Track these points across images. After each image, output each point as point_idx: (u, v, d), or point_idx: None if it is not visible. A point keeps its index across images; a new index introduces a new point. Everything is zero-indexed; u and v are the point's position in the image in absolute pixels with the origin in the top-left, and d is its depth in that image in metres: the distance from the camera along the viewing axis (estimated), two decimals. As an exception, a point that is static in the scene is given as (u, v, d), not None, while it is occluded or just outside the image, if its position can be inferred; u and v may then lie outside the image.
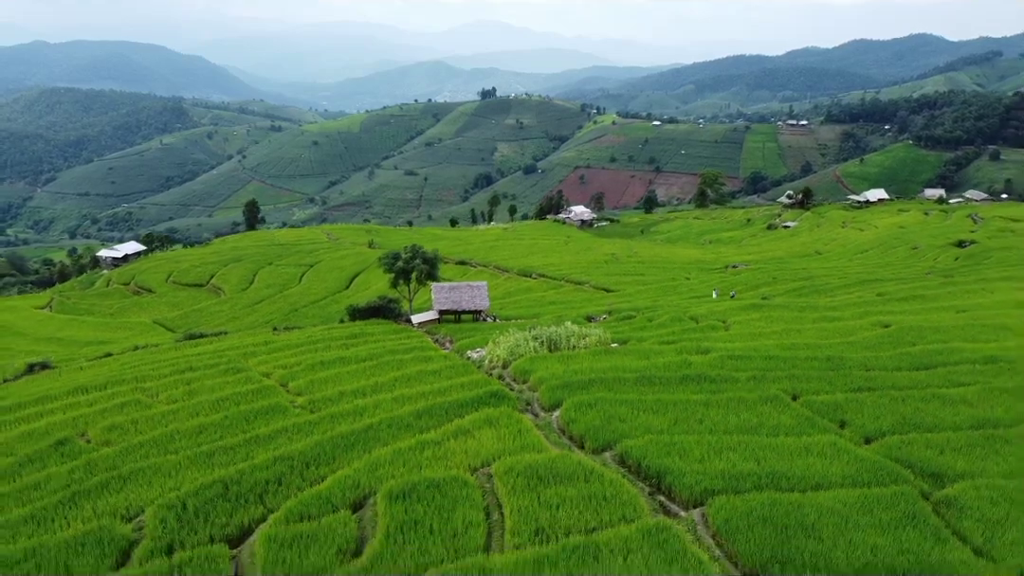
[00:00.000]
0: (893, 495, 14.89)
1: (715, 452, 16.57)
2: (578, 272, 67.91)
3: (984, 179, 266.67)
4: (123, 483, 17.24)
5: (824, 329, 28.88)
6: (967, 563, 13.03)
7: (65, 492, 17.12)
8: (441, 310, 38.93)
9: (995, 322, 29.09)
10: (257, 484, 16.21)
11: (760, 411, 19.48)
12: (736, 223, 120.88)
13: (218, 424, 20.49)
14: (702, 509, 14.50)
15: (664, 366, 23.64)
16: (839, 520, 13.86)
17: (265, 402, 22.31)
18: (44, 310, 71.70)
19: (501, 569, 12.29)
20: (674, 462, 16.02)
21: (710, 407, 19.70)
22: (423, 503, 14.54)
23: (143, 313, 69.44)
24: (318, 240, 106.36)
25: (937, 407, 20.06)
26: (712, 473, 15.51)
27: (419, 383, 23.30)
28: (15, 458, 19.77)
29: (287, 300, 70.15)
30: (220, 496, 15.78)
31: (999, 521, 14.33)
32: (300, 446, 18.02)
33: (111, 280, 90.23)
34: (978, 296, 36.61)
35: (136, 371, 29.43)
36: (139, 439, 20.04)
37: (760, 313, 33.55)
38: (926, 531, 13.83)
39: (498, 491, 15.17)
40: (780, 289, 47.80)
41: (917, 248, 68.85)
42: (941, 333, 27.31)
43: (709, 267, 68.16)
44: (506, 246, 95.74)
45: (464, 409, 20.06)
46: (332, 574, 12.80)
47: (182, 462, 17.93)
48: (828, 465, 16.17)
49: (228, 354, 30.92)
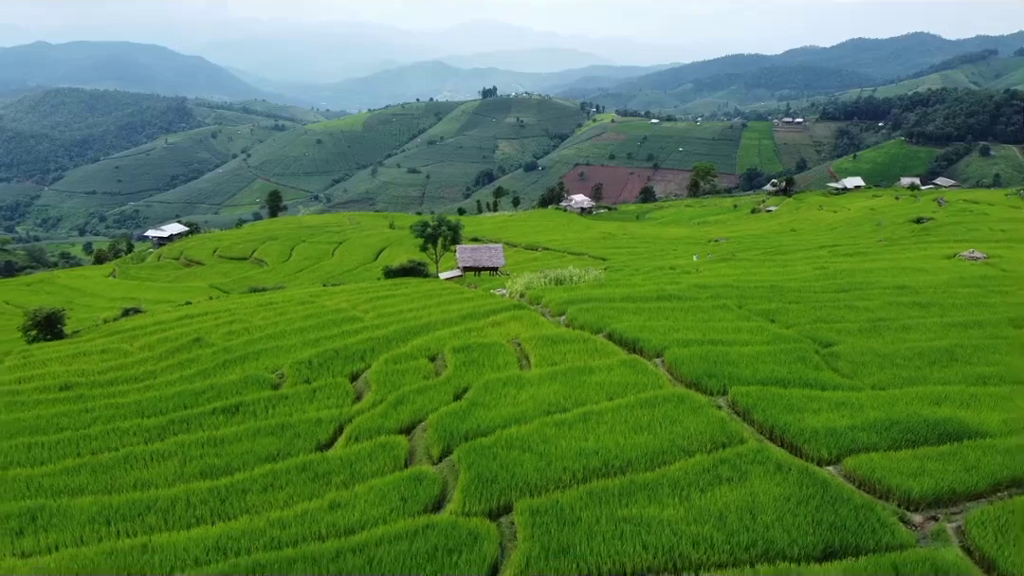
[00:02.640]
0: (794, 348, 22.02)
1: (674, 330, 23.66)
2: (578, 246, 75.39)
3: (974, 174, 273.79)
4: (257, 357, 24.34)
5: (774, 271, 36.01)
6: (835, 381, 20.12)
7: (216, 362, 24.24)
8: (464, 267, 46.11)
9: (914, 266, 36.21)
10: (358, 351, 23.33)
11: (711, 313, 26.59)
12: (724, 209, 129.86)
13: (313, 326, 27.61)
14: (661, 356, 21.57)
15: (644, 291, 30.77)
16: (753, 359, 20.94)
17: (342, 316, 29.45)
18: (110, 277, 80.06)
19: (530, 377, 19.42)
20: (644, 335, 23.09)
21: (675, 311, 26.81)
22: (476, 352, 21.68)
23: (197, 280, 77.52)
24: (341, 224, 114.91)
25: (845, 311, 27.16)
26: (669, 339, 22.59)
27: (459, 304, 30.44)
28: (165, 348, 26.88)
29: (323, 269, 78.35)
30: (334, 357, 22.91)
31: (863, 363, 21.43)
32: (380, 333, 25.15)
33: (161, 255, 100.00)
34: (910, 252, 43.68)
35: (224, 307, 36.58)
36: (255, 337, 27.13)
37: (727, 265, 40.68)
38: (811, 365, 20.95)
39: (525, 348, 22.32)
40: (751, 254, 55.05)
41: (880, 224, 76.15)
42: (866, 273, 34.41)
43: (695, 242, 75.70)
44: (513, 227, 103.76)
45: (495, 313, 27.19)
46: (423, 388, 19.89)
47: (296, 344, 25.05)
48: (753, 336, 23.31)
49: (296, 296, 38.10)
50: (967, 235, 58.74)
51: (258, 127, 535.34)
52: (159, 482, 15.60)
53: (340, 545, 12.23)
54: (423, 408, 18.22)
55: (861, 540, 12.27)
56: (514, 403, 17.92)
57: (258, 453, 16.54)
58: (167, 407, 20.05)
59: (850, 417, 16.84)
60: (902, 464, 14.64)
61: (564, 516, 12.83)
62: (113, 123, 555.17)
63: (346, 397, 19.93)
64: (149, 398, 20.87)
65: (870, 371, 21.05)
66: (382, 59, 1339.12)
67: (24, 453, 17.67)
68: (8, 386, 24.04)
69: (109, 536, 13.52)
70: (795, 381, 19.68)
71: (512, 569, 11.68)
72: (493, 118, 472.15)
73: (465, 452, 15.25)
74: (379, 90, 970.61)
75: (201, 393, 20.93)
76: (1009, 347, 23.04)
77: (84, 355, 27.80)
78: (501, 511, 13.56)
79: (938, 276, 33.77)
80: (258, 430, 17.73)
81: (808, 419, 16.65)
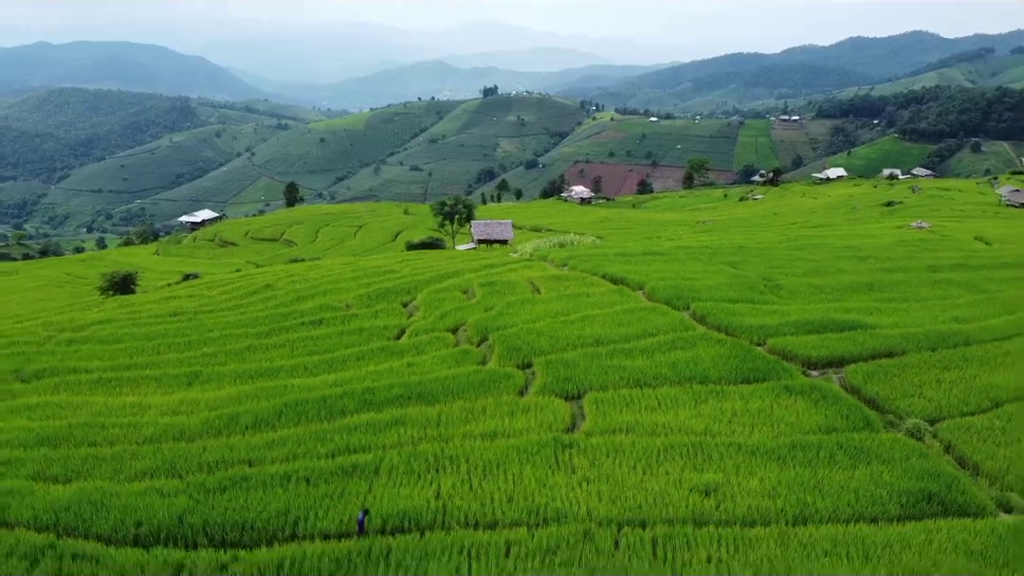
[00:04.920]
0: (746, 282, 28.24)
1: (654, 272, 29.88)
2: (578, 228, 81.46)
3: (965, 169, 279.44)
4: (323, 295, 30.54)
5: (744, 237, 42.20)
6: (774, 300, 26.28)
7: (290, 298, 30.45)
8: (479, 239, 52.35)
9: (866, 233, 42.40)
10: (404, 288, 29.56)
11: (686, 263, 32.83)
12: (715, 198, 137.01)
13: (361, 276, 33.83)
14: (642, 289, 27.74)
15: (632, 249, 37.00)
16: (713, 288, 27.12)
17: (383, 269, 35.67)
18: (155, 255, 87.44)
19: (541, 299, 25.62)
20: (630, 275, 29.31)
21: (657, 261, 33.07)
22: (499, 286, 27.93)
23: (233, 258, 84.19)
24: (358, 211, 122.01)
25: (795, 262, 33.36)
26: (650, 277, 28.81)
27: (479, 259, 36.67)
28: (242, 292, 33.08)
29: (348, 248, 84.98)
30: (385, 292, 29.15)
31: (799, 291, 27.63)
32: (419, 277, 31.41)
33: (196, 237, 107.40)
34: (869, 225, 49.82)
35: (277, 269, 42.76)
36: (315, 284, 33.30)
37: (706, 234, 46.88)
38: (757, 292, 27.16)
39: (536, 283, 28.57)
40: (733, 232, 61.28)
41: (855, 208, 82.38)
42: (823, 238, 40.61)
43: (683, 224, 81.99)
44: (518, 213, 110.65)
45: (511, 264, 33.44)
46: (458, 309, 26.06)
47: (352, 287, 31.26)
48: (716, 276, 29.52)
49: (338, 261, 44.31)
50: (928, 214, 64.88)
51: (261, 126, 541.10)
52: (279, 359, 21.79)
53: (420, 379, 18.45)
54: (462, 318, 24.40)
55: (768, 376, 18.47)
56: (530, 313, 24.12)
57: (347, 343, 22.73)
58: (264, 322, 26.24)
59: (778, 318, 23.01)
60: (809, 342, 20.81)
61: (567, 363, 19.05)
62: (117, 122, 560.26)
63: (402, 314, 26.15)
64: (247, 318, 27.08)
65: (803, 296, 27.29)
66: (382, 59, 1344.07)
67: (166, 347, 23.87)
68: (123, 315, 30.22)
69: (255, 384, 19.70)
70: (742, 300, 25.88)
71: (535, 389, 17.91)
72: (494, 117, 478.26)
73: (497, 337, 21.46)
74: (379, 90, 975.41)
75: (287, 315, 27.11)
76: (919, 282, 29.24)
77: (174, 298, 33.99)
78: (525, 366, 19.75)
79: (883, 240, 39.97)
80: (342, 332, 23.94)
81: (747, 319, 22.81)
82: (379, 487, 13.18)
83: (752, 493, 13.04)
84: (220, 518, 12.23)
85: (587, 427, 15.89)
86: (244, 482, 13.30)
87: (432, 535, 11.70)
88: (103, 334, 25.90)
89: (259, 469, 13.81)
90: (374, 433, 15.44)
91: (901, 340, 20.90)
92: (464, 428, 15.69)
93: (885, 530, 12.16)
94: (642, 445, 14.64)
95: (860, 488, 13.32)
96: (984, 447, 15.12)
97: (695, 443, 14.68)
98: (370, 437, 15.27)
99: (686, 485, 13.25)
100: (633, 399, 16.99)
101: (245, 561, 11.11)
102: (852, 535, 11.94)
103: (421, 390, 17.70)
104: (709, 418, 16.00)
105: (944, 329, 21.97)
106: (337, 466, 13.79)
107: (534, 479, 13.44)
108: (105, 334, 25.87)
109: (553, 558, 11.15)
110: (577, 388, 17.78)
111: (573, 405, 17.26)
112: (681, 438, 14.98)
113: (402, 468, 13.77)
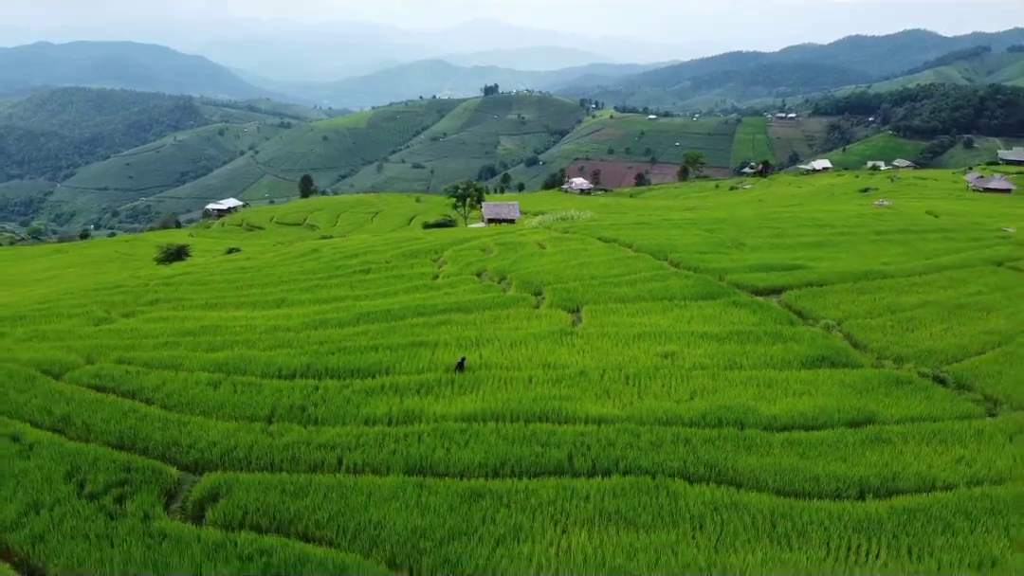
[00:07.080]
0: (717, 242, 34.05)
1: (641, 235, 35.68)
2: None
3: (957, 165, 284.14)
4: (365, 253, 36.32)
5: (724, 213, 48.00)
6: (737, 252, 31.97)
7: (336, 257, 36.21)
8: (489, 218, 58.17)
9: (831, 209, 48.11)
10: (432, 247, 35.40)
11: (670, 230, 38.68)
12: (707, 189, 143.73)
13: (392, 243, 39.61)
14: (631, 247, 33.46)
15: (624, 221, 42.77)
16: (688, 245, 32.88)
17: (410, 237, 41.40)
18: (190, 237, 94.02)
19: (547, 254, 31.37)
20: (621, 237, 35.13)
21: (645, 229, 38.85)
22: (512, 245, 33.74)
23: (262, 240, 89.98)
24: (372, 200, 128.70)
25: (762, 229, 39.14)
26: (637, 238, 34.63)
27: (495, 230, 42.39)
28: (292, 255, 38.82)
29: (368, 230, 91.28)
30: (418, 251, 34.99)
31: (759, 247, 33.40)
32: (443, 240, 37.11)
33: (224, 223, 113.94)
34: (838, 204, 55.56)
35: (312, 242, 48.51)
36: (355, 248, 39.01)
37: (691, 212, 52.69)
38: (724, 247, 32.92)
39: (543, 243, 34.34)
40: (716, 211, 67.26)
41: (834, 195, 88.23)
42: (793, 212, 46.32)
43: (674, 209, 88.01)
44: (522, 201, 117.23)
45: (520, 230, 39.11)
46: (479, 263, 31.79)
47: (387, 248, 37.04)
48: (693, 238, 35.32)
49: (364, 236, 50.02)
50: (897, 197, 70.62)
51: (264, 125, 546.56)
52: (343, 292, 27.53)
53: (458, 300, 24.26)
54: (484, 266, 30.18)
55: (721, 296, 24.27)
56: (539, 262, 29.91)
57: (393, 284, 28.49)
58: (321, 272, 32.03)
59: (737, 263, 28.79)
60: (758, 277, 26.55)
61: (569, 290, 24.88)
62: (121, 121, 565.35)
63: (434, 265, 31.91)
64: (305, 269, 32.88)
65: (762, 250, 33.08)
66: (382, 58, 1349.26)
67: (247, 286, 29.62)
68: (196, 270, 35.94)
69: (330, 304, 25.44)
70: (711, 252, 31.66)
71: (545, 305, 23.72)
72: (495, 115, 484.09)
73: (514, 275, 27.31)
74: (380, 89, 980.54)
75: (339, 267, 32.90)
76: (862, 241, 35.00)
77: (229, 261, 39.73)
78: (537, 293, 25.53)
79: (844, 214, 45.73)
80: (387, 277, 29.74)
81: (712, 263, 28.58)
82: (439, 353, 18.95)
83: (697, 356, 18.81)
84: (336, 366, 18.01)
85: (583, 325, 21.67)
86: (345, 350, 19.06)
87: (479, 372, 17.49)
88: (190, 280, 31.66)
89: (354, 343, 19.62)
90: (429, 328, 21.23)
91: (832, 276, 26.67)
92: (494, 326, 21.48)
93: (788, 373, 17.90)
94: (623, 333, 20.40)
95: (776, 354, 19.08)
96: (873, 335, 20.85)
97: (661, 331, 20.45)
98: (427, 331, 21.04)
99: (652, 352, 19.01)
100: (618, 309, 22.78)
101: (357, 385, 16.90)
102: (764, 376, 17.67)
103: (459, 306, 23.48)
104: (673, 318, 21.79)
105: (868, 268, 27.74)
106: (408, 342, 19.61)
107: (546, 350, 19.20)
108: (191, 280, 31.63)
109: (559, 384, 16.89)
110: (576, 303, 23.58)
111: (573, 315, 23.02)
112: (651, 329, 20.75)
113: (453, 344, 19.55)
